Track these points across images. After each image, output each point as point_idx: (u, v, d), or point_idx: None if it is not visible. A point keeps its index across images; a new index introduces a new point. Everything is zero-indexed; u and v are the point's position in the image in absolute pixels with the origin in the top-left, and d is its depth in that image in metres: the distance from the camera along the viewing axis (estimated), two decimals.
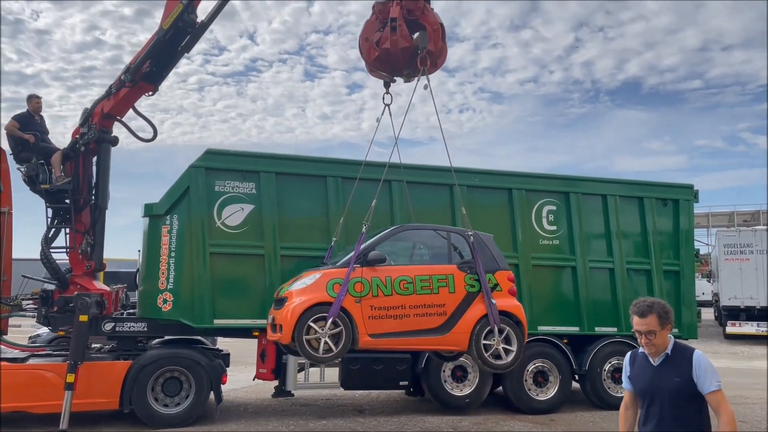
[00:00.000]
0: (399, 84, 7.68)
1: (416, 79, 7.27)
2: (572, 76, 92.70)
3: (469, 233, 7.15)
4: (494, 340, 6.83)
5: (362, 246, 6.79)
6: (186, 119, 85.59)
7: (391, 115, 7.54)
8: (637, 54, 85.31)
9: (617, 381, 9.35)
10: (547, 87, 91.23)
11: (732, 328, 20.43)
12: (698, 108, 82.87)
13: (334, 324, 6.41)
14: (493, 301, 6.90)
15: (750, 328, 20.05)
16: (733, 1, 76.27)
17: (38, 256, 8.52)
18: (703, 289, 37.27)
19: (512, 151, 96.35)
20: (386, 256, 6.97)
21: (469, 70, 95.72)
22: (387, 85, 7.58)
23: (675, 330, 9.65)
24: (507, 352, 6.92)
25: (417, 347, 7.25)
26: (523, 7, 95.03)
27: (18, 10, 76.55)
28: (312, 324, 6.40)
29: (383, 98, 7.51)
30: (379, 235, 7.17)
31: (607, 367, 9.38)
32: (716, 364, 3.36)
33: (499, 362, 6.91)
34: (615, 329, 9.56)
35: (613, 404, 9.18)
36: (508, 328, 6.94)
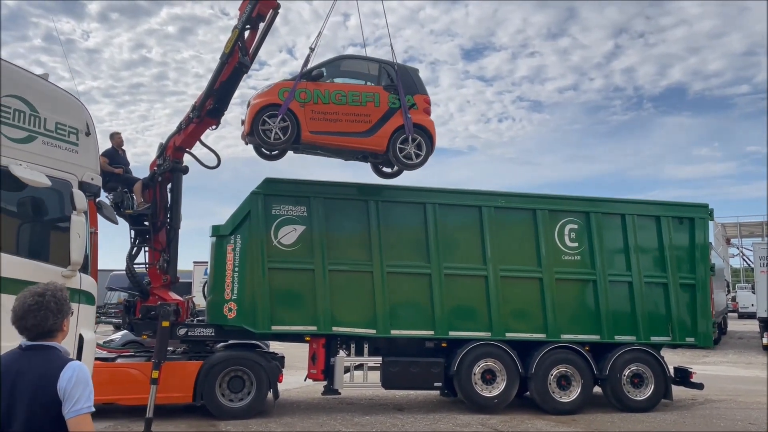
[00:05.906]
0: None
1: None
2: (613, 83, 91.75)
3: (394, 63, 9.31)
4: (408, 145, 8.91)
5: (308, 67, 8.99)
6: (229, 133, 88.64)
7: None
8: (681, 59, 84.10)
9: (636, 385, 10.13)
10: (587, 95, 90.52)
11: None
12: (747, 113, 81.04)
13: (283, 120, 8.64)
14: (409, 115, 8.93)
15: None
16: None
17: (109, 268, 9.84)
18: (751, 300, 36.73)
19: (554, 159, 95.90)
20: (324, 72, 9.08)
21: (507, 79, 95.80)
22: None
23: (691, 339, 10.40)
24: (417, 155, 9.04)
25: (346, 144, 9.15)
26: (559, 15, 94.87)
27: (69, 30, 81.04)
28: (266, 119, 8.69)
29: None
30: (323, 61, 9.29)
31: (626, 372, 10.12)
32: (746, 374, 2.73)
33: (410, 162, 9.03)
34: (633, 338, 10.29)
35: (633, 407, 10.00)
36: (419, 137, 9.03)
